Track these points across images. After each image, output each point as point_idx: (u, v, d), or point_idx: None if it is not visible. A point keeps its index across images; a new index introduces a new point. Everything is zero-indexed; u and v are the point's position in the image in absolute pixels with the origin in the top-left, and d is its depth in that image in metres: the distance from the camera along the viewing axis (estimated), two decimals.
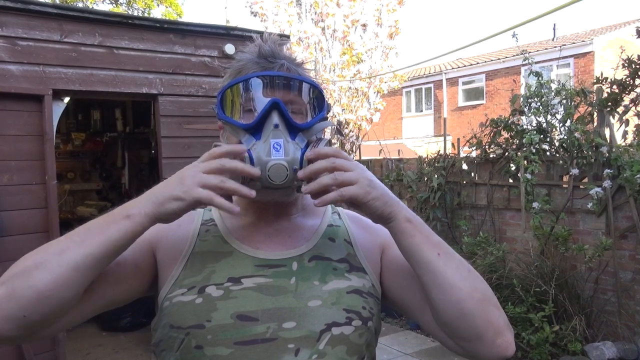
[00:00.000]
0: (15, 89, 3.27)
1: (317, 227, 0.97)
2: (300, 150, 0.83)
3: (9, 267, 0.76)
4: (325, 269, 0.90)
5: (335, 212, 1.04)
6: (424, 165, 5.66)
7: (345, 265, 0.92)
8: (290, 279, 0.87)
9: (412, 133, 18.79)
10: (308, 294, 0.86)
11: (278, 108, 0.83)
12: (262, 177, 0.81)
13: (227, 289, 0.84)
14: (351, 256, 0.94)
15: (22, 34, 3.31)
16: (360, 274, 0.92)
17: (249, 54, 0.93)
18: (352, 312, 0.86)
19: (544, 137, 4.60)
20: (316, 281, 0.87)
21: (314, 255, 0.91)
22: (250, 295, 0.84)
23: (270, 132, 0.82)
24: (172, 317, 0.85)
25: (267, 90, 0.87)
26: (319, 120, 0.89)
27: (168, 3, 14.32)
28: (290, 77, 0.89)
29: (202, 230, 0.94)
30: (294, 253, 0.91)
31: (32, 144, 3.35)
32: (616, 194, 4.00)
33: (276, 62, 0.91)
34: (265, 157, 0.81)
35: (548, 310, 3.80)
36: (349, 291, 0.88)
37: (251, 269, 0.87)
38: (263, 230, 0.93)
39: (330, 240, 0.95)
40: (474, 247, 4.55)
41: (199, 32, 4.00)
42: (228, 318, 0.82)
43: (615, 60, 4.39)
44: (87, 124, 6.51)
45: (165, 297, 0.87)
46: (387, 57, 7.97)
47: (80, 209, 6.15)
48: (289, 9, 7.89)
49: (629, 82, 4.18)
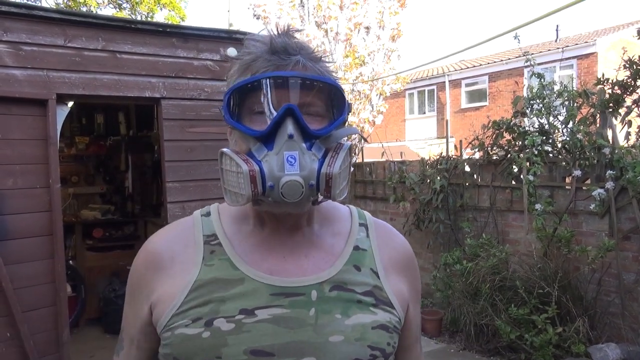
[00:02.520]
0: (20, 94, 3.29)
1: (341, 250, 0.86)
2: (317, 162, 0.76)
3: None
4: (348, 301, 0.81)
5: (364, 225, 0.92)
6: (427, 167, 5.65)
7: (371, 299, 0.83)
8: (309, 310, 0.78)
9: (415, 135, 18.77)
10: (329, 328, 0.78)
11: (292, 115, 0.75)
12: (275, 194, 0.74)
13: (239, 322, 0.76)
14: (377, 289, 0.85)
15: (26, 39, 3.34)
16: (386, 308, 0.84)
17: (260, 45, 0.81)
18: (377, 349, 0.80)
19: (547, 138, 4.59)
20: (338, 314, 0.79)
21: (336, 285, 0.82)
22: (266, 329, 0.76)
23: (284, 142, 0.74)
24: (175, 350, 0.78)
25: (280, 91, 0.77)
26: (339, 124, 0.81)
27: (171, 7, 14.38)
28: (306, 77, 0.78)
29: (207, 252, 0.83)
30: (313, 280, 0.81)
31: (36, 148, 3.38)
32: (619, 195, 3.99)
33: (290, 58, 0.79)
34: (278, 172, 0.74)
35: (551, 312, 3.79)
36: (374, 326, 0.81)
37: (266, 298, 0.78)
38: (277, 249, 0.83)
39: (355, 269, 0.85)
40: (476, 249, 4.54)
41: (201, 36, 4.02)
42: (241, 354, 0.75)
43: (618, 62, 4.39)
44: (91, 128, 6.54)
45: (165, 327, 0.79)
46: (390, 60, 7.98)
47: (84, 212, 6.17)
48: (292, 12, 7.91)
49: (631, 83, 4.18)
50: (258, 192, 0.74)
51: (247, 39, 0.83)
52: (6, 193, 3.26)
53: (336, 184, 0.76)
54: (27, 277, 3.27)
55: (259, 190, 0.74)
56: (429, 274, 5.31)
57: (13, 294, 3.17)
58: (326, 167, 0.76)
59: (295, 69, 0.79)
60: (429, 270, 5.49)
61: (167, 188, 3.88)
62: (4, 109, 3.26)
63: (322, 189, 0.76)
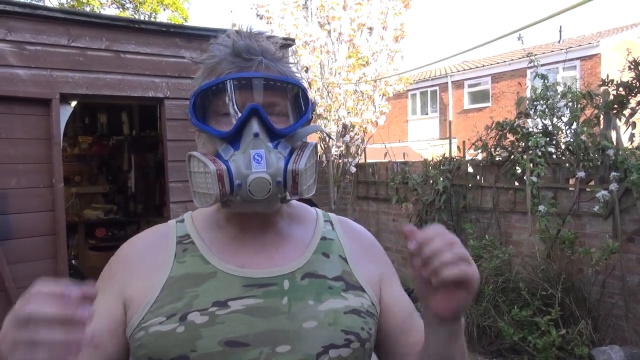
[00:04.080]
0: (23, 93, 3.30)
1: (309, 241, 0.90)
2: (283, 160, 0.78)
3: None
4: (320, 288, 0.83)
5: (328, 221, 0.96)
6: (430, 168, 5.65)
7: (341, 284, 0.85)
8: (282, 298, 0.80)
9: (417, 136, 18.76)
10: (303, 315, 0.79)
11: (257, 114, 0.76)
12: (243, 192, 0.75)
13: (213, 314, 0.77)
14: (347, 274, 0.87)
15: (30, 38, 3.34)
16: (357, 293, 0.86)
17: (223, 48, 0.83)
18: (351, 334, 0.81)
19: (550, 139, 4.58)
20: (311, 300, 0.81)
21: (307, 272, 0.84)
22: (240, 319, 0.77)
23: (250, 141, 0.76)
24: (150, 349, 0.76)
25: (244, 92, 0.79)
26: (303, 123, 0.83)
27: (174, 7, 14.40)
28: (269, 77, 0.80)
29: (179, 250, 0.85)
30: (285, 270, 0.83)
31: (40, 148, 3.38)
32: (623, 196, 3.97)
33: (253, 59, 0.81)
34: (245, 170, 0.75)
35: (554, 314, 3.78)
36: (347, 311, 0.82)
37: (239, 290, 0.79)
38: (248, 245, 0.85)
39: (324, 256, 0.88)
40: (479, 250, 4.53)
41: (204, 36, 4.02)
42: (215, 345, 0.75)
43: (622, 63, 4.37)
44: (94, 128, 6.55)
45: (138, 327, 0.78)
46: (393, 61, 7.97)
47: (87, 211, 6.19)
48: (296, 13, 7.91)
49: (636, 85, 4.16)
50: (226, 191, 0.76)
51: (211, 43, 0.85)
52: (9, 192, 3.26)
53: (302, 181, 0.78)
54: (30, 277, 3.25)
55: (227, 189, 0.76)
56: None
57: (16, 293, 3.17)
58: (292, 164, 0.77)
59: (258, 70, 0.81)
60: None
61: (170, 188, 3.88)
62: (7, 109, 3.26)
63: (289, 186, 0.78)
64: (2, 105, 3.24)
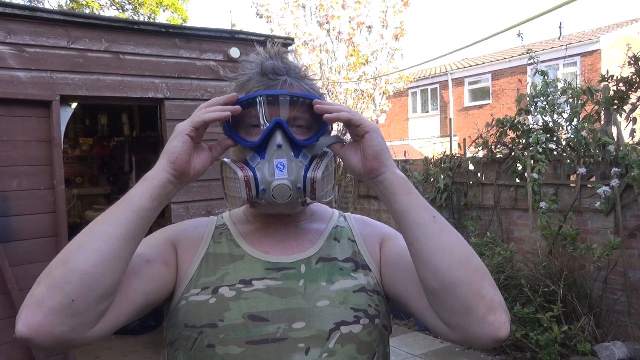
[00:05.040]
0: (24, 95, 3.30)
1: (323, 230, 1.01)
2: (303, 168, 0.88)
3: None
4: (331, 270, 0.93)
5: (342, 217, 1.07)
6: (431, 166, 5.65)
7: (351, 265, 0.95)
8: (299, 281, 0.90)
9: (418, 134, 18.76)
10: (316, 295, 0.89)
11: (281, 127, 0.86)
12: (267, 197, 0.86)
13: (239, 291, 0.88)
14: (356, 254, 0.97)
15: (29, 41, 3.35)
16: (365, 272, 0.95)
17: (254, 66, 0.95)
18: (359, 311, 0.89)
19: (551, 136, 4.57)
20: (324, 282, 0.91)
21: (321, 257, 0.95)
22: (261, 297, 0.88)
23: (274, 152, 0.86)
24: (187, 317, 0.88)
25: (271, 107, 0.89)
26: (323, 134, 0.93)
27: (173, 9, 14.38)
28: (293, 94, 0.90)
29: (217, 233, 0.99)
30: (302, 257, 0.94)
31: (41, 150, 3.38)
32: (624, 192, 3.97)
33: (278, 79, 0.92)
34: (270, 177, 0.86)
35: (557, 311, 3.78)
36: (356, 290, 0.91)
37: (262, 272, 0.91)
38: (272, 236, 0.97)
39: (336, 241, 0.99)
40: (481, 248, 4.53)
41: (204, 37, 4.03)
42: (240, 318, 0.85)
43: (622, 58, 4.36)
44: (95, 129, 6.56)
45: (182, 296, 0.90)
46: (393, 59, 7.97)
47: (89, 213, 6.19)
48: (296, 12, 7.91)
49: (636, 80, 4.15)
50: (253, 195, 0.87)
51: (243, 61, 0.98)
52: (11, 195, 3.27)
53: (320, 187, 0.88)
54: (33, 279, 3.23)
55: (254, 193, 0.87)
56: None
57: (19, 296, 3.18)
58: (311, 172, 0.88)
59: (283, 88, 0.92)
60: None
61: None
62: (8, 111, 3.27)
63: (308, 191, 0.88)
64: (3, 108, 3.24)
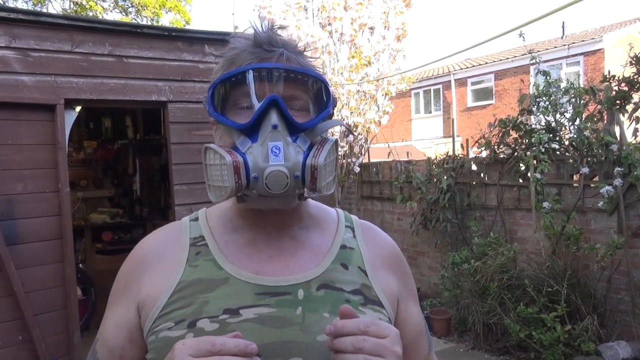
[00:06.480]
0: (28, 99, 3.33)
1: (327, 249, 0.84)
2: (302, 154, 0.74)
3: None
4: (336, 300, 0.78)
5: (350, 227, 0.91)
6: (433, 166, 5.65)
7: (360, 298, 0.81)
8: (296, 309, 0.76)
9: (421, 134, 18.73)
10: (317, 327, 0.75)
11: (277, 106, 0.72)
12: (259, 186, 0.72)
13: (224, 322, 0.73)
14: (366, 287, 0.82)
15: (34, 45, 3.38)
16: (376, 308, 0.81)
17: (244, 40, 0.80)
18: None
19: (553, 136, 4.57)
20: (326, 313, 0.77)
21: (324, 283, 0.79)
22: (251, 329, 0.73)
23: (268, 133, 0.72)
24: (159, 354, 0.74)
25: (264, 84, 0.75)
26: (324, 117, 0.79)
27: (176, 11, 14.45)
28: (291, 69, 0.76)
29: (192, 253, 0.81)
30: (300, 279, 0.78)
31: (46, 153, 3.41)
32: (627, 192, 3.97)
33: (274, 50, 0.78)
34: (263, 163, 0.71)
35: (560, 310, 3.78)
36: None
37: (251, 297, 0.75)
38: (263, 250, 0.81)
39: (343, 267, 0.83)
40: (484, 248, 4.53)
41: (206, 39, 4.05)
42: None
43: (625, 57, 4.36)
44: (99, 132, 6.60)
45: (150, 331, 0.77)
46: (395, 60, 7.97)
47: (93, 215, 6.23)
48: (298, 14, 7.92)
49: (638, 80, 4.15)
50: (242, 183, 0.72)
51: (231, 37, 0.83)
52: (16, 198, 3.30)
53: (322, 176, 0.74)
54: (38, 281, 3.31)
55: (243, 182, 0.72)
56: (436, 273, 5.30)
57: (24, 298, 3.21)
58: (311, 159, 0.73)
59: (279, 61, 0.77)
60: (437, 269, 5.48)
61: (175, 191, 3.90)
62: (13, 115, 3.30)
63: (307, 181, 0.74)
64: (8, 112, 3.27)
